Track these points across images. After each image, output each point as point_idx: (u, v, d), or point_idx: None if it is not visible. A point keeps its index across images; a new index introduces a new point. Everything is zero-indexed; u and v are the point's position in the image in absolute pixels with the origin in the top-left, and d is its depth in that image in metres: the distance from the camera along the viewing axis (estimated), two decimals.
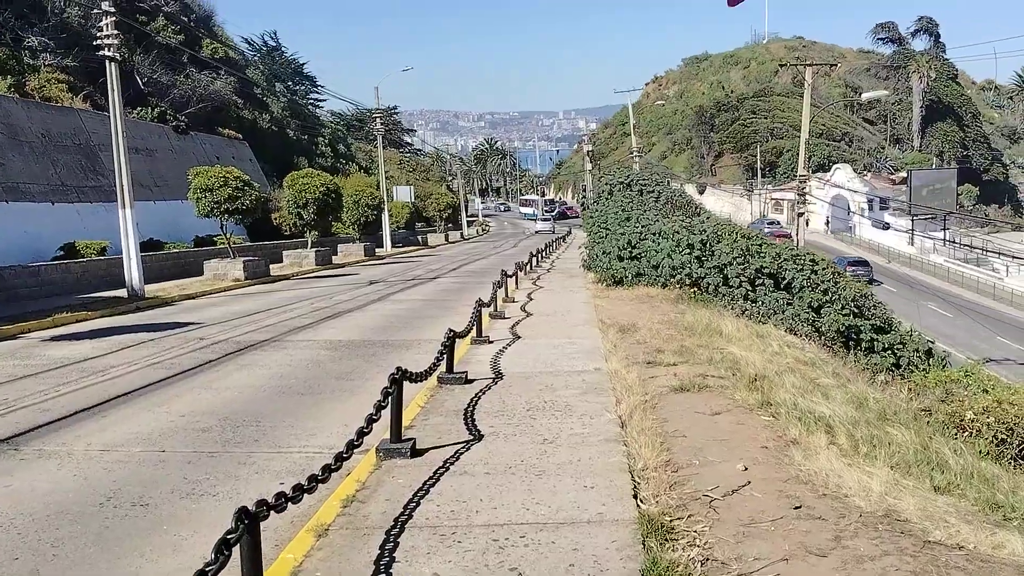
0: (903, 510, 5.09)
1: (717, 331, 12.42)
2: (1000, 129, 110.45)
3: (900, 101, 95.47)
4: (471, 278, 25.41)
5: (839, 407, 7.94)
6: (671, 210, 24.68)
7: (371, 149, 62.15)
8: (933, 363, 15.58)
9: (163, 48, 41.30)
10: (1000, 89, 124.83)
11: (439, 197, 69.71)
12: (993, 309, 48.49)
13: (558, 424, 7.28)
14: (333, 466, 4.85)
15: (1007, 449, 11.56)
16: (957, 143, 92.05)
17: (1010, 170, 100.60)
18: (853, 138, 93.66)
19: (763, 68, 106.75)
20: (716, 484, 5.58)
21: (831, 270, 16.82)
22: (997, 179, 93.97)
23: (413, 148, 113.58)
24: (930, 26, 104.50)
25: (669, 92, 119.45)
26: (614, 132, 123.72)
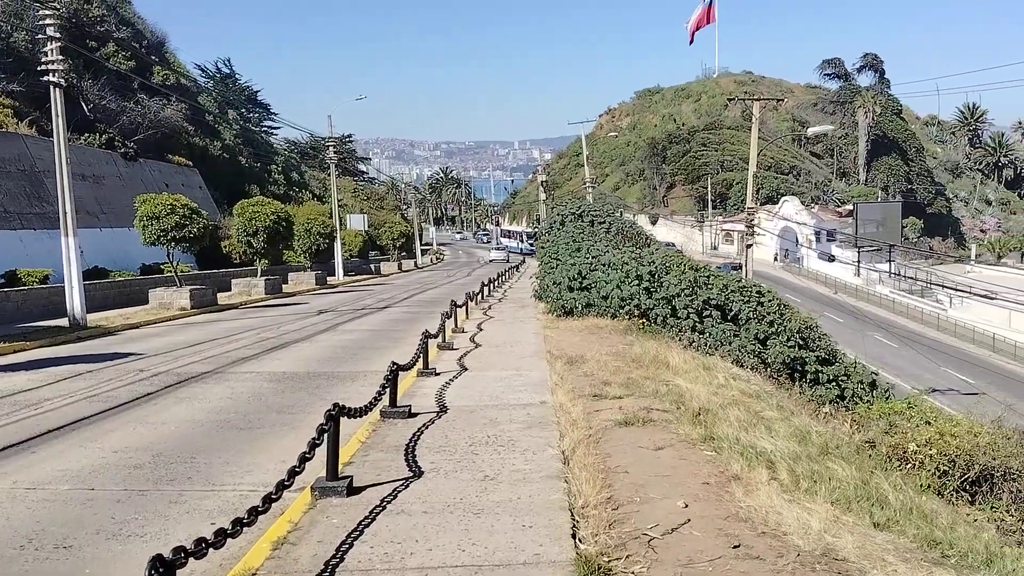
0: (841, 548, 5.08)
1: (664, 363, 12.44)
2: (943, 163, 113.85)
3: (846, 135, 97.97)
4: (423, 308, 25.24)
5: (782, 441, 7.96)
6: (621, 241, 24.85)
7: (325, 177, 61.84)
8: (877, 394, 15.78)
9: (113, 74, 40.73)
10: (943, 124, 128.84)
11: (393, 226, 69.44)
12: (937, 340, 49.58)
13: (500, 460, 7.17)
14: (260, 508, 4.69)
15: (949, 481, 11.72)
16: (902, 177, 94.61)
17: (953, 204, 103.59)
18: (801, 171, 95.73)
19: (714, 102, 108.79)
20: (656, 522, 5.52)
21: (777, 301, 17.00)
22: (940, 212, 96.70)
23: (368, 176, 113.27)
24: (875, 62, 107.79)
25: (622, 124, 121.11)
26: (568, 162, 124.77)
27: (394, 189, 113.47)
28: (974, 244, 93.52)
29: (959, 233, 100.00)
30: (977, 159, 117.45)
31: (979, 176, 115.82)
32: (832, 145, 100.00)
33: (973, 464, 11.85)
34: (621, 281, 17.70)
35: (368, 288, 37.97)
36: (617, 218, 30.62)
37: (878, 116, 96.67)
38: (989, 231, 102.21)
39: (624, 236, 26.33)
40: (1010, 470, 12.18)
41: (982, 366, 43.24)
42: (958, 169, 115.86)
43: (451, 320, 16.85)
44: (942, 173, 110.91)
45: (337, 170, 52.93)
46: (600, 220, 27.79)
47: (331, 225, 42.66)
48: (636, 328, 16.57)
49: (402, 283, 42.55)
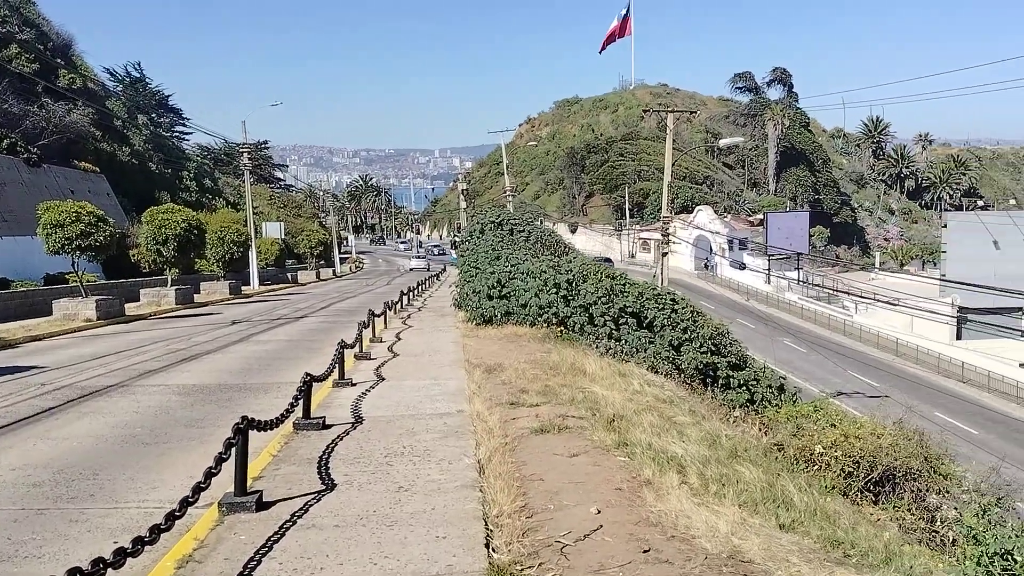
0: (747, 550, 5.20)
1: (581, 370, 12.56)
2: (849, 174, 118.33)
3: (757, 147, 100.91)
4: (340, 317, 24.91)
5: (693, 446, 8.12)
6: (540, 249, 25.02)
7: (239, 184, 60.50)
8: (785, 398, 16.25)
9: (16, 77, 39.07)
10: (848, 137, 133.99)
11: (311, 234, 68.45)
12: (844, 345, 51.40)
13: (416, 471, 7.12)
14: (163, 526, 4.55)
15: (854, 482, 12.13)
16: (809, 187, 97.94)
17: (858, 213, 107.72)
18: (714, 181, 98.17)
19: (630, 113, 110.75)
20: (569, 529, 5.56)
21: (690, 309, 17.36)
22: (846, 221, 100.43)
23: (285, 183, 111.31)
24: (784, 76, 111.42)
25: (542, 133, 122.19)
26: (489, 171, 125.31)
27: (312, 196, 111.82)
28: (878, 252, 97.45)
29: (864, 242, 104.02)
30: (880, 170, 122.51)
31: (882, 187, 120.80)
32: (744, 156, 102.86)
33: (876, 465, 12.29)
34: (539, 289, 17.82)
35: (284, 298, 37.27)
36: (536, 227, 30.82)
37: (787, 128, 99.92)
38: (892, 240, 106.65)
39: (543, 244, 26.52)
40: (911, 470, 12.69)
41: (886, 370, 45.01)
42: (863, 180, 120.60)
43: (369, 330, 16.68)
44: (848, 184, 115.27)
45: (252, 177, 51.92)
46: (519, 229, 27.93)
47: (246, 233, 41.76)
48: (554, 336, 16.69)
49: (320, 292, 41.90)
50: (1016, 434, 35.70)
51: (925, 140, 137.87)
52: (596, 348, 15.63)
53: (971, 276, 42.27)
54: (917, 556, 6.44)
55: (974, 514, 8.70)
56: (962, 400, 40.53)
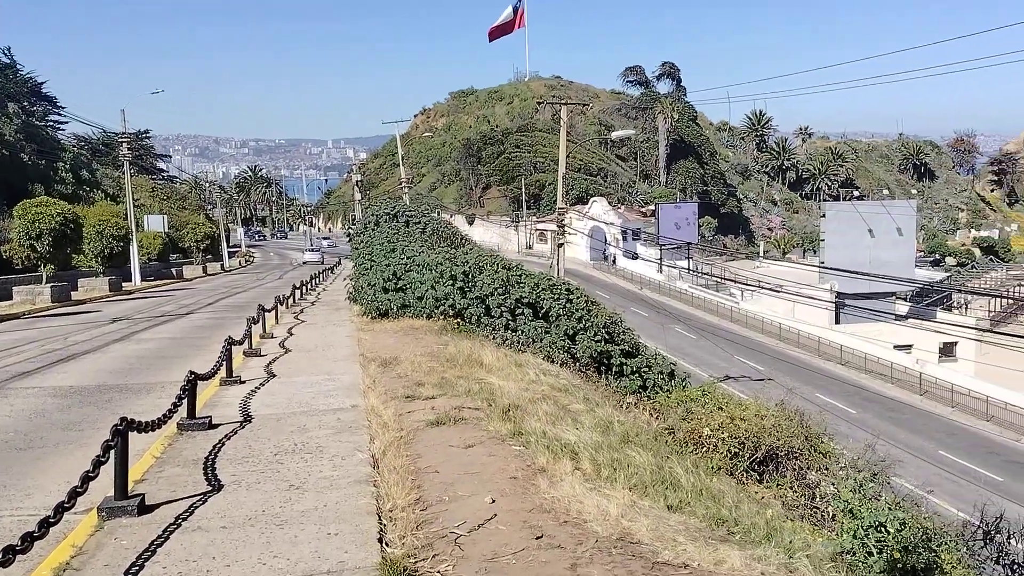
0: (636, 532, 5.33)
1: (478, 362, 12.58)
2: (734, 166, 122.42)
3: (648, 139, 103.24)
4: (229, 313, 24.18)
5: (586, 433, 8.26)
6: (437, 241, 24.92)
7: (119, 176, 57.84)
8: (675, 383, 16.70)
9: None
10: (733, 130, 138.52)
11: (197, 227, 66.16)
12: (731, 330, 53.25)
13: (307, 468, 6.99)
14: (36, 533, 4.32)
15: (740, 462, 12.57)
16: (698, 179, 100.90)
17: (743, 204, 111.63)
18: (608, 173, 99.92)
19: (525, 105, 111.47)
20: (464, 520, 5.57)
21: (585, 298, 17.62)
22: (732, 212, 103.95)
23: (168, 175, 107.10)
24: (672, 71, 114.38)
25: (437, 124, 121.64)
26: (384, 162, 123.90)
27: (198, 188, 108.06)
28: (762, 241, 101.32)
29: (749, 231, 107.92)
30: (764, 162, 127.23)
31: (766, 178, 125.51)
32: (636, 148, 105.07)
33: (760, 445, 12.76)
34: (436, 281, 17.74)
35: (169, 293, 35.91)
36: (433, 218, 30.68)
37: (676, 122, 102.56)
38: (775, 229, 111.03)
39: (440, 236, 26.43)
40: (793, 449, 13.24)
41: (770, 353, 46.89)
42: (747, 172, 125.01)
43: (259, 325, 16.27)
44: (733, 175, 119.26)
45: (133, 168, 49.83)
46: (415, 220, 27.75)
47: (126, 227, 40.05)
48: (451, 328, 16.65)
49: (207, 287, 40.56)
50: (891, 412, 37.81)
51: (805, 133, 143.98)
52: (493, 339, 15.68)
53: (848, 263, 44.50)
54: (797, 531, 6.74)
55: (850, 489, 9.16)
56: (841, 381, 42.59)
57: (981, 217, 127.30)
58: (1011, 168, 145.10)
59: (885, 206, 62.61)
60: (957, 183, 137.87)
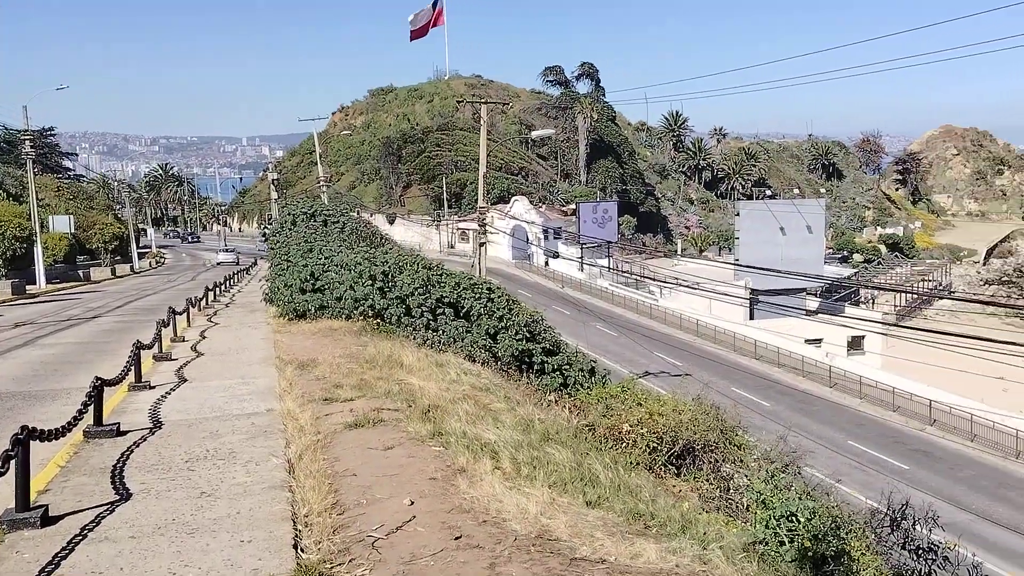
0: (555, 529, 5.35)
1: (398, 362, 12.47)
2: (652, 166, 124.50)
3: (568, 139, 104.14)
4: (139, 316, 23.42)
5: (507, 431, 8.26)
6: (356, 241, 24.62)
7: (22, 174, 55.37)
8: (596, 380, 16.88)
9: None
10: (651, 130, 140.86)
11: (105, 227, 63.91)
12: (651, 327, 54.12)
13: (220, 474, 6.81)
14: None
15: (658, 456, 12.77)
16: (617, 178, 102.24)
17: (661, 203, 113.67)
18: (529, 172, 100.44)
19: (446, 103, 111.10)
20: (382, 523, 5.50)
21: (506, 297, 17.64)
22: (651, 211, 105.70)
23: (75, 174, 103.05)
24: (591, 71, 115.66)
25: (356, 122, 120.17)
26: (302, 160, 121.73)
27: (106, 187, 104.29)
28: (680, 239, 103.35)
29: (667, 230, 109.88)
30: (681, 162, 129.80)
31: (683, 177, 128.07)
32: (556, 148, 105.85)
33: (678, 439, 13.00)
34: (354, 281, 17.50)
35: (76, 296, 34.56)
36: (352, 218, 30.32)
37: (595, 121, 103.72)
38: (692, 227, 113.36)
39: (359, 236, 26.13)
40: (709, 443, 13.53)
41: (688, 349, 47.86)
42: (665, 171, 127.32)
43: (170, 328, 15.80)
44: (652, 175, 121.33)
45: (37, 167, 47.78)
46: (334, 220, 27.37)
47: (29, 227, 38.44)
48: (371, 329, 16.45)
49: (116, 290, 39.19)
50: (802, 405, 39.03)
51: (720, 134, 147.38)
52: (414, 339, 15.56)
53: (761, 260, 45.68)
54: (711, 523, 6.88)
55: (763, 480, 9.39)
56: (755, 375, 43.77)
57: (886, 215, 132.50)
58: (915, 167, 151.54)
59: (796, 205, 64.46)
60: (864, 182, 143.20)
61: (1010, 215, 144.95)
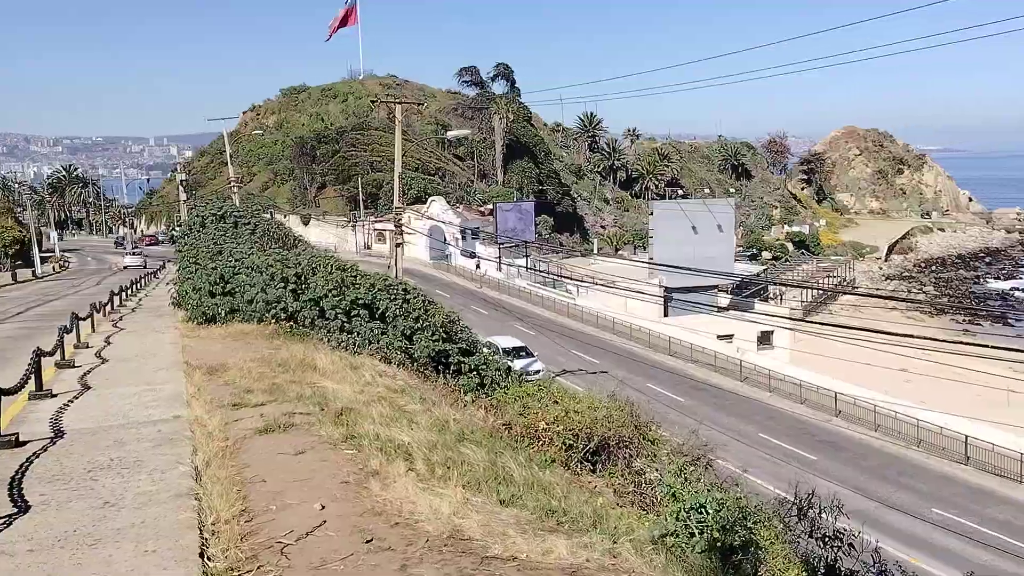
0: (468, 528, 5.38)
1: (311, 365, 12.32)
2: (568, 166, 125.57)
3: (485, 139, 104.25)
4: (41, 322, 22.50)
5: (422, 433, 8.25)
6: (268, 242, 24.18)
7: None
8: (512, 380, 17.00)
9: None
10: (567, 131, 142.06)
11: (4, 231, 61.15)
12: (568, 326, 54.64)
13: (124, 484, 6.62)
14: None
15: (575, 453, 12.95)
16: (534, 179, 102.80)
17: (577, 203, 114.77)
18: (446, 172, 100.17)
19: (360, 103, 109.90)
20: (292, 528, 5.45)
21: (422, 298, 17.59)
22: (568, 211, 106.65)
23: None
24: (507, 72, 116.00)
25: (268, 122, 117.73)
26: (212, 161, 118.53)
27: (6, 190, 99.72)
28: (596, 239, 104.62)
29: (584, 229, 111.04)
30: (596, 163, 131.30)
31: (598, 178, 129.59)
32: (473, 148, 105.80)
33: (593, 436, 13.21)
34: (266, 284, 17.18)
35: None
36: (264, 219, 29.78)
37: (511, 122, 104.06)
38: (608, 227, 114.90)
39: (271, 237, 25.67)
40: (623, 438, 13.78)
41: (605, 347, 48.50)
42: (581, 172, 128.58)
43: (73, 335, 15.23)
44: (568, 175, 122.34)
45: None
46: (245, 221, 26.79)
47: None
48: (284, 332, 16.17)
49: (17, 295, 37.52)
50: (715, 399, 40.00)
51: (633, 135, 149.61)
52: (328, 342, 15.38)
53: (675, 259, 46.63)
54: (622, 517, 7.02)
55: (673, 474, 9.62)
56: (670, 371, 44.64)
57: (793, 213, 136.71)
58: (819, 167, 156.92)
59: (707, 204, 66.03)
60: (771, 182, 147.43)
61: (909, 213, 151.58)
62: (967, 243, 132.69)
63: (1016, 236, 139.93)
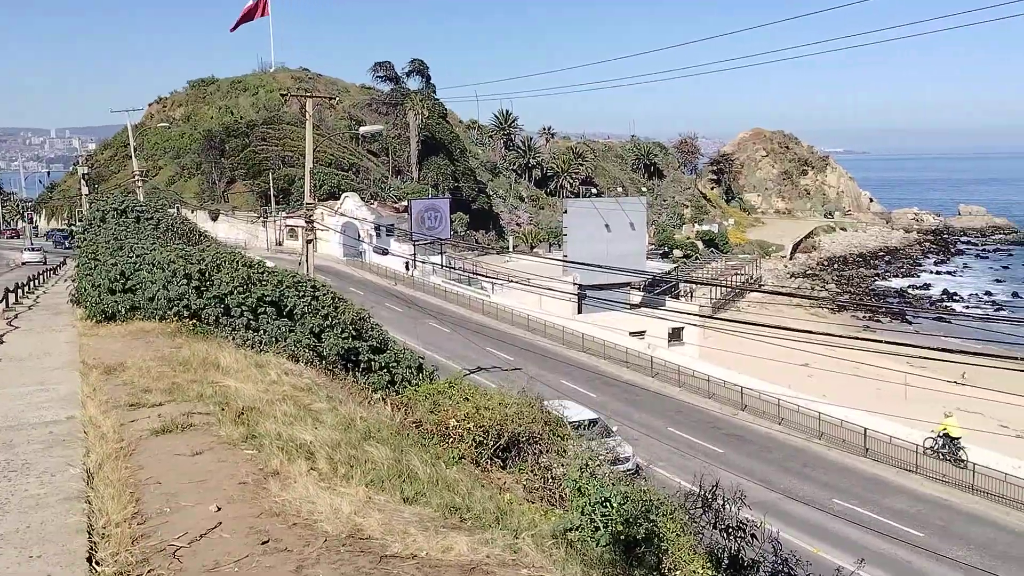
0: (368, 527, 5.36)
1: (214, 364, 12.04)
2: (484, 164, 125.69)
3: (400, 135, 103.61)
4: None
5: (326, 431, 8.16)
6: (172, 238, 23.47)
7: None
8: (423, 377, 16.96)
9: None
10: (482, 128, 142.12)
11: None
12: (484, 323, 54.76)
13: (11, 487, 6.36)
14: None
15: (485, 450, 13.01)
16: (449, 175, 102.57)
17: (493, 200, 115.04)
18: (360, 168, 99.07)
19: (271, 96, 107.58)
20: (186, 530, 5.33)
21: (332, 295, 17.38)
22: (483, 208, 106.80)
23: None
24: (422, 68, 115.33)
25: (175, 114, 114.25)
26: (116, 154, 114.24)
27: None
28: (511, 236, 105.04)
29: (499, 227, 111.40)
30: (511, 160, 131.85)
31: (514, 175, 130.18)
32: (387, 144, 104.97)
33: (504, 433, 13.29)
34: (168, 280, 16.68)
35: None
36: (168, 214, 28.88)
37: (427, 118, 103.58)
38: (523, 224, 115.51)
39: (175, 233, 24.91)
40: (533, 435, 13.91)
41: (520, 344, 48.76)
42: (496, 169, 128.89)
43: None
44: (483, 173, 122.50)
45: None
46: (148, 216, 25.92)
47: None
48: (187, 330, 15.75)
49: None
50: (627, 394, 40.67)
51: (548, 133, 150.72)
52: (233, 340, 15.05)
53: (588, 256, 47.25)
54: (526, 513, 7.09)
55: (578, 469, 9.76)
56: (583, 368, 45.16)
57: (703, 212, 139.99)
58: (728, 168, 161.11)
59: (620, 203, 66.98)
60: (682, 181, 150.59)
61: (813, 213, 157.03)
62: (868, 242, 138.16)
63: (914, 236, 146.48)
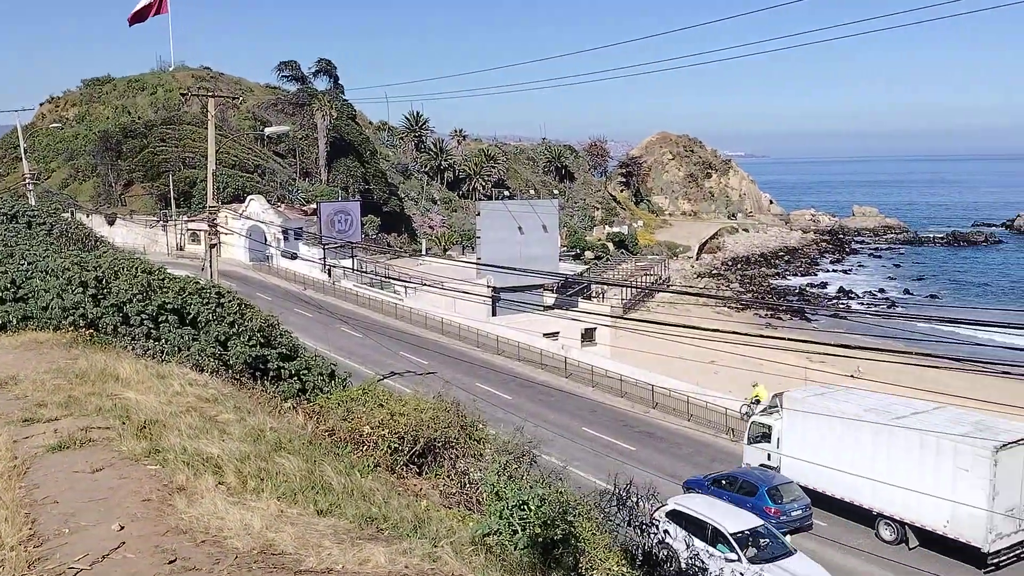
0: (281, 542, 5.17)
1: (113, 376, 11.51)
2: (395, 166, 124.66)
3: (307, 136, 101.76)
4: None
5: (234, 444, 7.88)
6: (66, 244, 22.46)
7: None
8: (335, 384, 16.64)
9: None
10: (393, 130, 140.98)
11: None
12: (397, 327, 54.20)
13: None
14: None
15: (400, 457, 12.82)
16: (359, 177, 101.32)
17: (405, 202, 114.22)
18: (266, 170, 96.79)
19: (171, 96, 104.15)
20: (86, 552, 5.03)
21: (238, 302, 16.89)
22: (395, 210, 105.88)
23: None
24: (329, 68, 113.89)
25: (69, 114, 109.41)
26: (4, 156, 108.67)
27: None
28: (424, 239, 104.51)
29: (412, 229, 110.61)
30: (423, 162, 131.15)
31: (426, 178, 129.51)
32: (295, 146, 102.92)
33: (419, 438, 13.14)
34: (63, 289, 15.92)
35: None
36: (62, 219, 27.68)
37: (335, 119, 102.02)
38: (436, 227, 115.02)
39: (69, 239, 23.86)
40: (449, 439, 13.79)
41: (435, 348, 48.51)
42: (408, 171, 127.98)
43: None
44: (395, 175, 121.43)
45: None
46: (39, 221, 24.79)
47: None
48: (84, 340, 15.04)
49: None
50: (541, 396, 40.93)
51: (460, 135, 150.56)
52: (133, 350, 14.45)
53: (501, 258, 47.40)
54: (444, 520, 6.98)
55: (495, 472, 9.70)
56: (498, 370, 45.23)
57: (613, 214, 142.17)
58: (636, 170, 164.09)
59: (532, 205, 67.47)
60: (593, 184, 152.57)
61: (717, 214, 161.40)
62: (769, 242, 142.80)
63: (811, 236, 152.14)
